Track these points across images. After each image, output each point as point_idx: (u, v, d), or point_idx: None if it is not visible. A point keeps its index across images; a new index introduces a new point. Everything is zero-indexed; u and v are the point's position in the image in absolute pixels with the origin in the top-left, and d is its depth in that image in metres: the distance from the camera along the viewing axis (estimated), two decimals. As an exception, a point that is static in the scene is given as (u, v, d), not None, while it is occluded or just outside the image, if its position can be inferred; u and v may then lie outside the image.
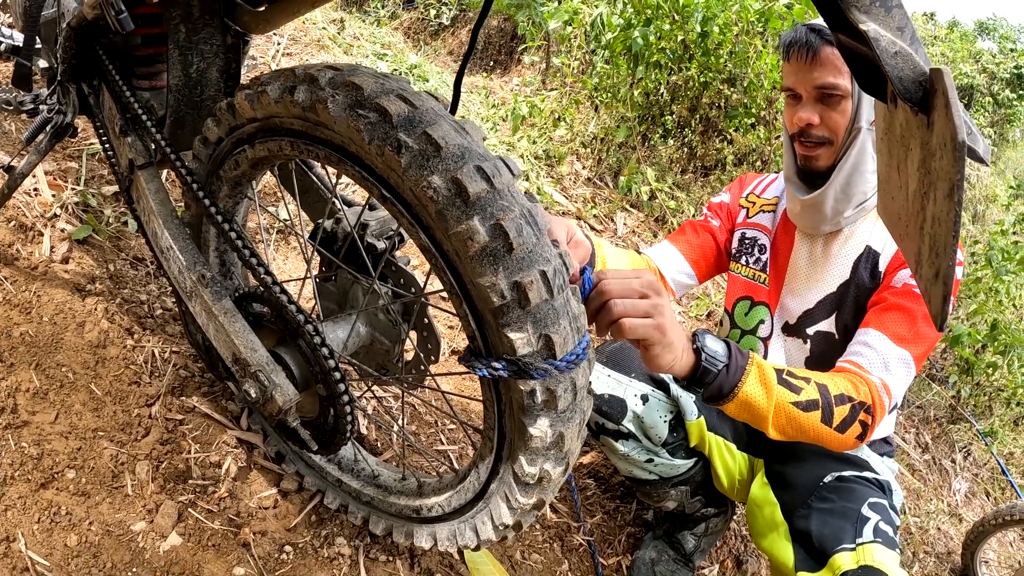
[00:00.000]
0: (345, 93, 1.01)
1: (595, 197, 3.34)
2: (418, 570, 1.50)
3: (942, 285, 0.71)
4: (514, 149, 3.32)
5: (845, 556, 1.30)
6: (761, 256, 1.65)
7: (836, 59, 1.36)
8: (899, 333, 1.37)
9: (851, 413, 1.27)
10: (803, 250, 1.57)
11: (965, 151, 0.63)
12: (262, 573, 1.33)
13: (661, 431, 1.61)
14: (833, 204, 1.46)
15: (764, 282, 1.64)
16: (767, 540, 1.49)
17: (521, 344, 0.96)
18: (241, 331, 1.23)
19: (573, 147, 3.52)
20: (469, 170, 0.94)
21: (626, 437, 1.61)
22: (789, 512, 1.47)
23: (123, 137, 1.42)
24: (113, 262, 1.76)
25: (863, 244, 1.49)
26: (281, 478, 1.52)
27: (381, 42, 3.71)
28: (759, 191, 1.71)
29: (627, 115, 3.46)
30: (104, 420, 1.43)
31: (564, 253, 1.04)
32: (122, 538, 1.27)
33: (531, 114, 3.40)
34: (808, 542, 1.37)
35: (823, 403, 1.26)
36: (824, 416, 1.26)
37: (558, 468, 1.10)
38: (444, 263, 1.00)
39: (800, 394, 1.24)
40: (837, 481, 1.49)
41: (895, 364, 1.35)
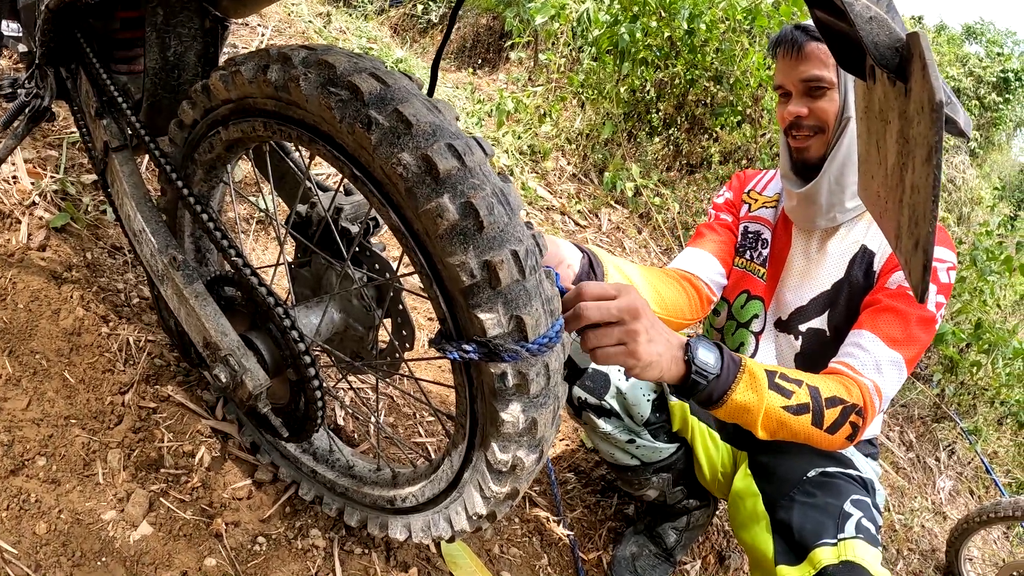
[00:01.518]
0: (318, 71, 0.98)
1: (580, 193, 3.32)
2: (394, 563, 1.46)
3: (922, 254, 0.69)
4: (499, 144, 3.30)
5: (826, 551, 1.28)
6: (762, 251, 1.64)
7: (821, 53, 1.40)
8: (892, 335, 1.36)
9: (841, 415, 1.27)
10: (800, 247, 1.56)
11: (943, 112, 0.61)
12: (234, 564, 1.30)
13: (644, 410, 1.58)
14: (827, 195, 1.45)
15: (762, 276, 1.62)
16: (748, 532, 1.47)
17: (491, 325, 0.93)
18: (212, 315, 1.20)
19: (559, 143, 3.50)
20: (440, 147, 0.92)
21: (608, 415, 1.59)
22: (771, 504, 1.45)
23: (98, 120, 1.39)
24: (91, 250, 1.72)
25: (859, 243, 1.48)
26: (255, 468, 1.48)
27: (367, 36, 3.68)
28: (760, 188, 1.71)
29: (613, 111, 3.44)
30: (77, 408, 1.40)
31: (537, 234, 1.01)
32: (92, 527, 1.23)
33: (516, 109, 3.37)
34: (789, 535, 1.35)
35: (814, 407, 1.25)
36: (815, 419, 1.25)
37: (531, 456, 1.07)
38: (414, 243, 0.97)
39: (791, 398, 1.23)
40: (821, 476, 1.47)
41: (887, 366, 1.34)
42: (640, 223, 3.34)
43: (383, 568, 1.44)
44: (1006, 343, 2.96)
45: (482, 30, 4.27)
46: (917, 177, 0.68)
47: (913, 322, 1.36)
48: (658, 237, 3.29)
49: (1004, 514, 2.17)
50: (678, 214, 3.36)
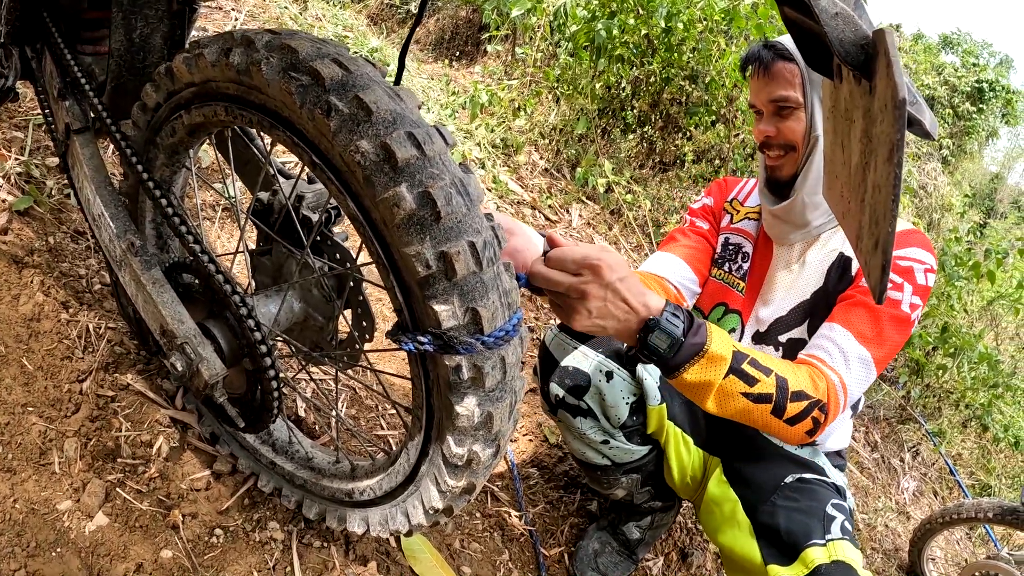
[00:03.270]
0: (280, 56, 0.97)
1: (551, 188, 3.31)
2: (353, 556, 1.45)
3: (881, 255, 0.69)
4: (472, 137, 3.28)
5: (817, 551, 1.28)
6: (743, 264, 1.63)
7: (787, 72, 1.41)
8: (863, 331, 1.35)
9: (805, 410, 1.26)
10: (782, 260, 1.56)
11: (905, 110, 0.60)
12: (190, 556, 1.28)
13: (621, 412, 1.57)
14: (800, 212, 1.46)
15: (740, 290, 1.62)
16: (726, 536, 1.47)
17: (446, 317, 0.92)
18: (169, 302, 1.18)
19: (532, 137, 3.49)
20: (399, 136, 0.91)
21: (584, 414, 1.57)
22: (752, 509, 1.45)
23: (61, 101, 1.36)
24: (53, 235, 1.69)
25: (836, 251, 1.49)
26: (214, 459, 1.46)
27: (344, 24, 3.64)
28: (742, 198, 1.70)
29: (587, 107, 3.43)
30: (34, 395, 1.37)
31: (497, 226, 1.00)
32: (47, 517, 1.21)
33: (491, 102, 3.36)
34: (775, 537, 1.36)
35: (777, 398, 1.24)
36: (775, 410, 1.24)
37: (488, 450, 1.07)
38: (372, 232, 0.96)
39: (754, 386, 1.22)
40: (799, 482, 1.48)
41: (855, 363, 1.33)
42: (611, 219, 3.34)
43: (342, 562, 1.43)
44: (972, 347, 3.00)
45: (461, 23, 4.25)
46: (879, 176, 0.67)
47: (885, 320, 1.35)
48: (628, 234, 3.29)
49: (967, 515, 2.19)
50: (649, 211, 3.37)
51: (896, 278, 1.36)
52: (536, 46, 3.55)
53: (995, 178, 17.38)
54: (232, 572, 1.29)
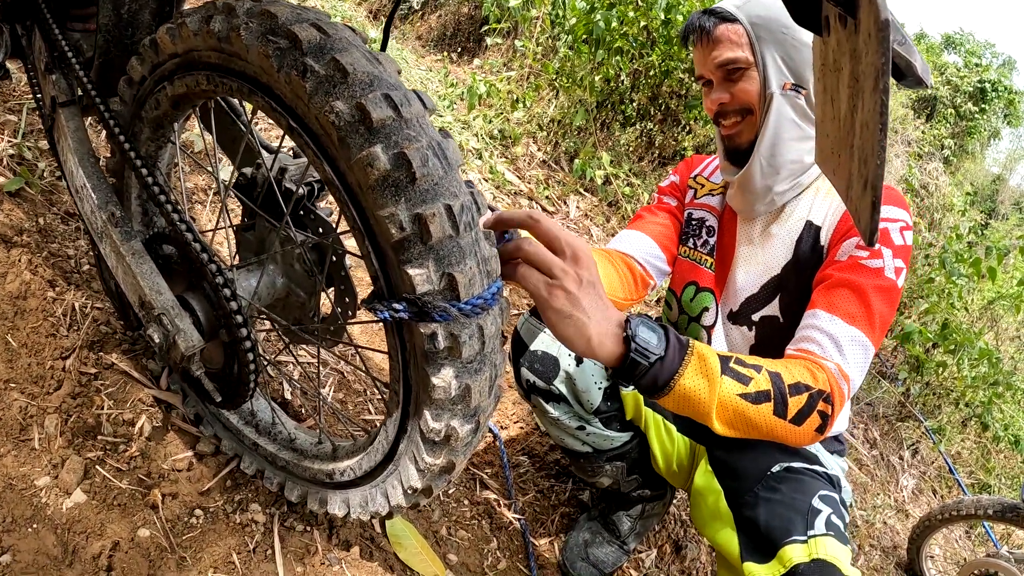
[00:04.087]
0: (260, 21, 0.95)
1: (549, 179, 3.27)
2: (336, 541, 1.41)
3: (871, 192, 0.65)
4: (469, 128, 3.25)
5: (796, 548, 1.20)
6: (709, 239, 1.56)
7: (732, 34, 1.34)
8: (850, 311, 1.25)
9: (808, 403, 1.15)
10: (745, 235, 1.50)
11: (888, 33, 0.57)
12: (168, 536, 1.25)
13: (594, 397, 1.51)
14: (761, 179, 1.39)
15: (710, 266, 1.56)
16: (711, 529, 1.41)
17: (420, 281, 0.89)
18: (148, 273, 1.15)
19: (530, 129, 3.45)
20: (376, 97, 0.88)
21: (557, 400, 1.52)
22: (734, 501, 1.38)
23: (48, 75, 1.34)
24: (44, 216, 1.67)
25: (803, 220, 1.41)
26: (197, 440, 1.43)
27: (343, 15, 3.62)
28: (707, 174, 1.64)
29: (586, 100, 3.39)
30: (17, 371, 1.34)
31: (476, 192, 0.97)
32: (24, 492, 1.18)
33: (489, 94, 3.33)
34: (755, 532, 1.28)
35: (775, 393, 1.13)
36: (777, 408, 1.13)
37: (466, 426, 1.03)
38: (347, 196, 0.93)
39: (749, 384, 1.11)
40: (786, 472, 1.40)
41: (849, 346, 1.24)
42: (609, 211, 3.30)
43: (325, 546, 1.39)
44: (972, 344, 2.94)
45: (462, 19, 4.22)
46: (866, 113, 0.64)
47: (871, 294, 1.26)
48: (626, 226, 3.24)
49: (966, 512, 2.14)
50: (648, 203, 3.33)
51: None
52: (535, 39, 3.52)
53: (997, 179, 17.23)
54: (211, 553, 1.26)
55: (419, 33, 4.38)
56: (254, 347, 1.10)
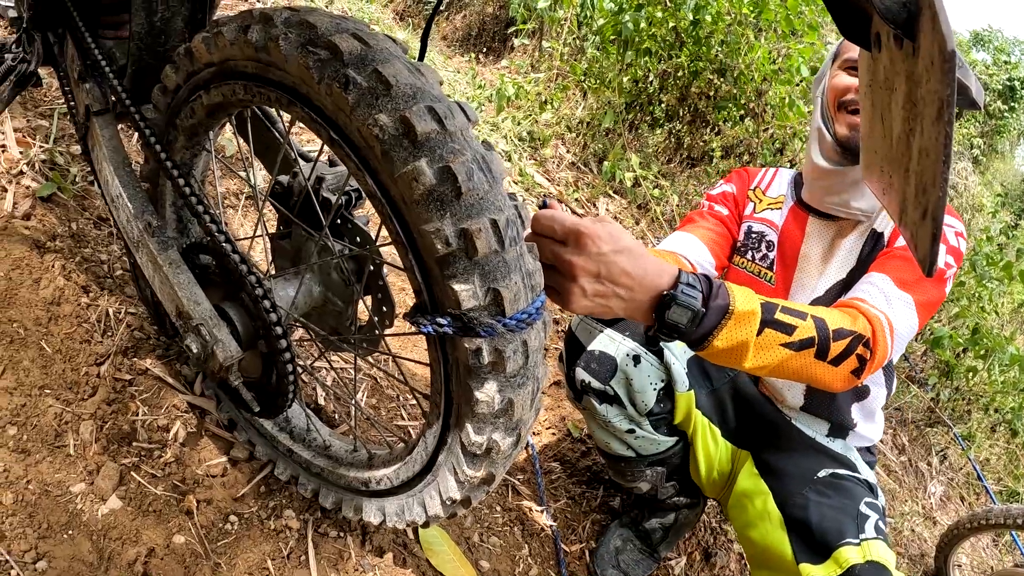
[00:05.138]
0: (298, 31, 0.93)
1: (578, 181, 3.25)
2: (369, 547, 1.41)
3: (931, 223, 0.63)
4: (498, 130, 3.23)
5: (851, 550, 1.23)
6: (768, 253, 1.55)
7: None
8: (902, 277, 1.28)
9: (848, 346, 1.15)
10: (813, 240, 1.49)
11: (955, 63, 0.55)
12: (203, 542, 1.24)
13: (648, 398, 1.50)
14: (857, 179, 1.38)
15: (770, 280, 1.54)
16: (758, 530, 1.41)
17: (466, 297, 0.87)
18: (185, 283, 1.14)
19: (558, 131, 3.42)
20: (420, 110, 0.86)
21: (611, 401, 1.51)
22: (783, 502, 1.40)
23: (81, 83, 1.34)
24: (76, 221, 1.67)
25: (870, 229, 1.43)
26: (232, 446, 1.43)
27: (370, 17, 3.61)
28: (764, 187, 1.62)
29: (614, 101, 3.36)
30: (52, 378, 1.34)
31: (520, 205, 0.95)
32: (60, 499, 1.18)
33: (517, 96, 3.30)
34: (807, 533, 1.30)
35: (820, 339, 1.12)
36: (819, 352, 1.13)
37: (508, 439, 1.01)
38: (391, 210, 0.92)
39: (793, 334, 1.10)
40: (832, 477, 1.43)
41: (897, 302, 1.26)
42: (638, 214, 3.27)
43: (358, 552, 1.39)
44: (1003, 349, 2.89)
45: (487, 19, 4.20)
46: (926, 139, 0.62)
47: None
48: (656, 229, 3.22)
49: (994, 521, 2.10)
50: (677, 206, 3.29)
51: None
52: (563, 40, 3.49)
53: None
54: (245, 560, 1.25)
55: (444, 34, 4.36)
56: (293, 358, 1.09)
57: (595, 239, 0.95)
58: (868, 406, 1.52)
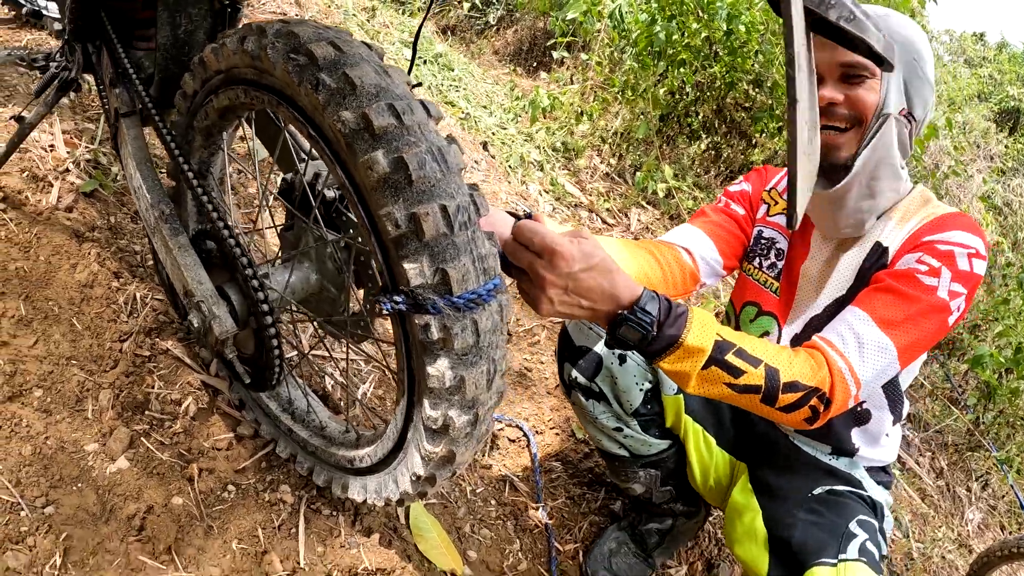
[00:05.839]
0: (285, 41, 1.09)
1: (611, 192, 3.36)
2: (359, 527, 1.54)
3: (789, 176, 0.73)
4: (532, 140, 3.37)
5: (824, 571, 1.23)
6: (777, 262, 1.55)
7: None
8: (884, 316, 1.24)
9: (801, 400, 1.18)
10: (817, 257, 1.48)
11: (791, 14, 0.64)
12: (199, 506, 1.40)
13: (634, 398, 1.57)
14: (856, 199, 1.35)
15: (775, 291, 1.55)
16: (743, 547, 1.45)
17: (414, 275, 1.00)
18: (191, 265, 1.31)
19: (593, 141, 3.54)
20: (379, 107, 1.00)
21: (597, 398, 1.59)
22: (772, 521, 1.42)
23: (112, 89, 1.54)
24: (115, 215, 1.89)
25: (873, 241, 1.40)
26: (239, 424, 1.59)
27: (411, 30, 3.83)
28: (780, 188, 1.60)
29: (649, 112, 3.45)
30: (79, 350, 1.54)
31: (477, 195, 1.08)
32: (74, 455, 1.36)
33: (553, 107, 3.43)
34: (787, 551, 1.32)
35: (766, 388, 1.16)
36: (764, 398, 1.18)
37: (463, 416, 1.12)
38: (357, 197, 1.06)
39: (739, 377, 1.16)
40: (828, 494, 1.44)
41: (870, 349, 1.23)
42: (671, 225, 3.35)
43: (347, 531, 1.52)
44: (1051, 372, 2.81)
45: (538, 33, 4.38)
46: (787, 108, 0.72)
47: (915, 306, 1.24)
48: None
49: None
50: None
51: (933, 262, 1.26)
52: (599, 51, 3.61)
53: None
54: (237, 526, 1.41)
55: (495, 48, 4.56)
56: (278, 334, 1.24)
57: (568, 259, 1.06)
58: (871, 431, 1.50)
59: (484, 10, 4.72)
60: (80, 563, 1.23)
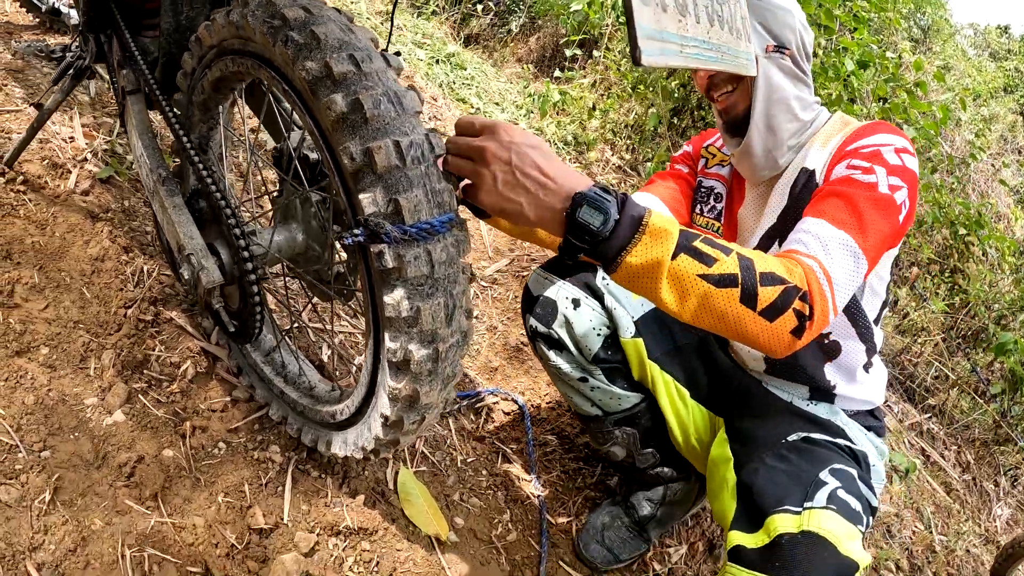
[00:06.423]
0: (264, 9, 1.24)
1: (622, 183, 3.44)
2: (346, 490, 1.63)
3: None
4: (543, 134, 3.48)
5: (785, 518, 1.20)
6: (716, 205, 1.68)
7: None
8: (838, 217, 1.24)
9: (782, 297, 1.09)
10: (750, 201, 1.60)
11: None
12: (189, 459, 1.52)
13: (592, 343, 1.63)
14: (763, 145, 1.49)
15: (717, 231, 1.66)
16: (718, 500, 1.45)
17: (368, 203, 1.11)
18: (185, 222, 1.45)
19: (604, 134, 3.64)
20: (340, 56, 1.13)
21: (559, 348, 1.66)
22: (739, 467, 1.42)
23: (120, 70, 1.72)
24: (128, 199, 2.06)
25: (798, 168, 1.49)
26: (235, 388, 1.71)
27: (424, 32, 4.02)
28: (719, 144, 1.74)
29: (659, 104, 3.53)
30: (87, 316, 1.68)
31: (433, 135, 1.19)
32: (74, 407, 1.50)
33: (564, 103, 3.56)
34: (749, 499, 1.30)
35: (744, 280, 1.08)
36: (744, 296, 1.08)
37: (423, 351, 1.21)
38: (323, 141, 1.18)
39: (712, 266, 1.08)
40: (802, 441, 1.42)
41: (835, 247, 1.20)
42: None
43: (334, 493, 1.61)
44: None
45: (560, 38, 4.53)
46: None
47: (862, 203, 1.25)
48: (699, 229, 3.35)
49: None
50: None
51: (863, 163, 1.31)
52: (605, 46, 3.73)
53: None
54: (224, 480, 1.51)
55: (519, 56, 4.73)
56: (259, 282, 1.37)
57: (508, 130, 1.08)
58: (844, 364, 1.51)
59: (506, 18, 4.91)
60: (69, 502, 1.36)
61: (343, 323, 2.09)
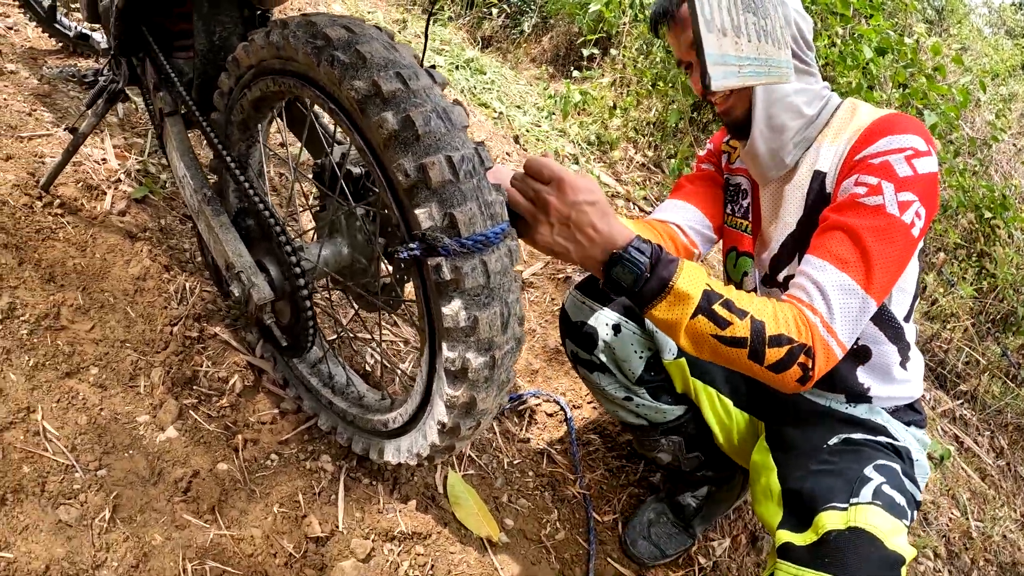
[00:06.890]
0: (304, 29, 1.28)
1: (647, 181, 3.49)
2: (398, 495, 1.68)
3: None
4: (566, 135, 3.53)
5: (833, 515, 1.22)
6: (743, 203, 1.68)
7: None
8: (840, 255, 1.28)
9: (787, 356, 1.22)
10: (766, 196, 1.60)
11: None
12: (243, 472, 1.57)
13: (635, 366, 1.66)
14: (766, 145, 1.50)
15: (746, 230, 1.67)
16: (762, 506, 1.49)
17: (424, 218, 1.15)
18: (232, 240, 1.50)
19: (627, 133, 3.68)
20: (388, 75, 1.17)
21: (601, 369, 1.68)
22: (784, 476, 1.45)
23: (156, 92, 1.76)
24: (164, 217, 2.11)
25: (811, 171, 1.48)
26: (282, 401, 1.76)
27: (442, 39, 4.07)
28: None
29: (679, 100, 3.57)
30: (133, 335, 1.73)
31: (483, 149, 1.23)
32: (126, 426, 1.55)
33: (585, 103, 3.60)
34: (798, 502, 1.34)
35: (752, 342, 1.21)
36: (751, 354, 1.22)
37: (480, 359, 1.26)
38: (373, 158, 1.22)
39: (725, 329, 1.22)
40: (843, 443, 1.45)
41: (835, 294, 1.27)
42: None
43: (386, 499, 1.66)
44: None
45: (573, 37, 4.57)
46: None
47: (865, 235, 1.27)
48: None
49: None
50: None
51: (871, 180, 1.31)
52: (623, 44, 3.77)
53: None
54: (279, 491, 1.56)
55: (532, 56, 4.78)
56: (310, 296, 1.41)
57: (574, 188, 1.20)
58: (877, 366, 1.52)
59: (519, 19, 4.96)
60: (128, 519, 1.40)
61: (387, 332, 2.14)
